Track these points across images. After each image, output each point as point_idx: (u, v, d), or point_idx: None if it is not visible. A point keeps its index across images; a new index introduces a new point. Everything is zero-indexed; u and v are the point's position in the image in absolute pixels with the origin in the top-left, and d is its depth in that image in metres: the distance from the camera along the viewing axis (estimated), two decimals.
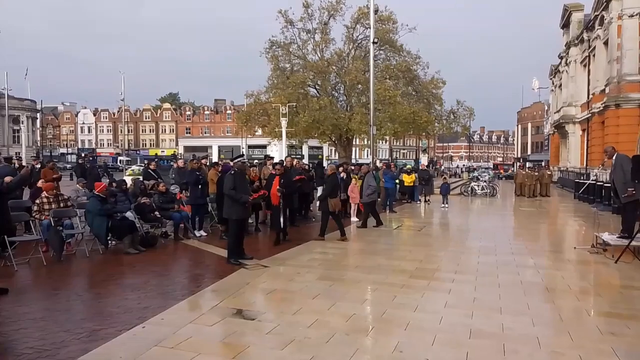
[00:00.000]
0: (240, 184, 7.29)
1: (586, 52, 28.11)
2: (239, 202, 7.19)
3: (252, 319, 4.72)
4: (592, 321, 4.86)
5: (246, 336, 4.28)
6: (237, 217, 7.31)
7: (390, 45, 26.39)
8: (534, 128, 71.14)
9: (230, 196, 7.15)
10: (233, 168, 7.56)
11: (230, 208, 7.27)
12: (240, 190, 7.23)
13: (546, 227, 12.85)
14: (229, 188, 7.13)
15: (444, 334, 4.35)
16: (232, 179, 7.23)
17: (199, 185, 9.91)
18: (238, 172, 7.40)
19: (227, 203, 7.29)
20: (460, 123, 29.31)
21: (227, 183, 7.20)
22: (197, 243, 9.12)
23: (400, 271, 6.88)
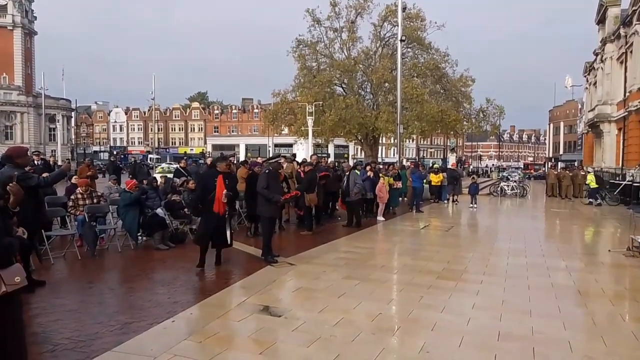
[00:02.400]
0: (273, 183, 7.38)
1: (623, 49, 27.10)
2: (271, 201, 7.27)
3: (279, 316, 4.77)
4: (628, 327, 4.70)
5: (273, 332, 4.33)
6: (269, 215, 7.44)
7: (418, 42, 26.12)
8: (566, 127, 69.07)
9: (263, 195, 7.23)
10: (267, 167, 7.63)
11: (263, 206, 7.38)
12: (272, 189, 7.31)
13: (579, 229, 12.51)
14: (262, 187, 7.21)
15: (471, 335, 4.29)
16: (265, 178, 7.30)
17: None
18: (272, 172, 7.47)
19: (260, 201, 7.38)
20: (489, 122, 28.83)
21: (261, 182, 7.29)
22: None
23: (427, 272, 6.82)
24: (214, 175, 6.66)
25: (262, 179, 7.34)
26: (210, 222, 6.64)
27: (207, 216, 6.67)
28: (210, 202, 6.52)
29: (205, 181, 6.93)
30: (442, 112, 24.69)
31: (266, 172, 7.41)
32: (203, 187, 6.84)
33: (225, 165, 6.88)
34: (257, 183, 7.38)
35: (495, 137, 67.59)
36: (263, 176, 7.39)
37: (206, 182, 6.85)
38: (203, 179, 7.40)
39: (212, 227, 6.63)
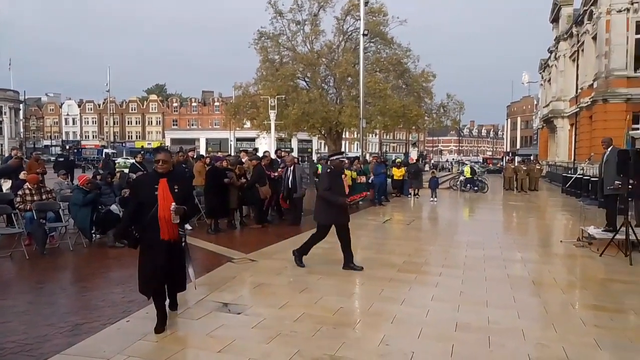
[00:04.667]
0: (335, 184, 6.36)
1: (575, 47, 28.28)
2: (335, 204, 6.28)
3: (238, 313, 4.69)
4: (577, 314, 4.90)
5: (232, 330, 4.24)
6: (328, 223, 6.42)
7: (380, 37, 26.29)
8: (523, 122, 71.68)
9: (325, 197, 6.24)
10: (329, 166, 6.56)
11: (323, 212, 6.33)
12: (336, 191, 6.33)
13: (534, 221, 12.97)
14: (324, 188, 6.23)
15: (430, 327, 4.36)
16: (327, 178, 6.31)
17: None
18: (334, 171, 6.46)
19: (320, 206, 6.36)
20: (450, 117, 29.37)
21: (322, 183, 6.30)
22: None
23: (388, 265, 6.89)
24: (152, 181, 4.17)
25: (323, 180, 6.32)
26: (155, 257, 4.10)
27: (149, 249, 4.16)
28: (151, 226, 4.06)
29: (140, 190, 4.38)
30: (404, 107, 25.00)
31: (328, 172, 6.45)
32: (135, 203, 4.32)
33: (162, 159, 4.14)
34: (318, 184, 6.43)
35: (456, 132, 69.31)
36: (324, 176, 6.39)
37: (141, 191, 4.31)
38: (136, 186, 4.98)
39: (161, 265, 4.09)
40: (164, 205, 4.03)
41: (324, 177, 6.43)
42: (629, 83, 21.02)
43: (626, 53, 21.08)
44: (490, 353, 3.83)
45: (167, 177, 4.15)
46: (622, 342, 4.12)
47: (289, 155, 11.84)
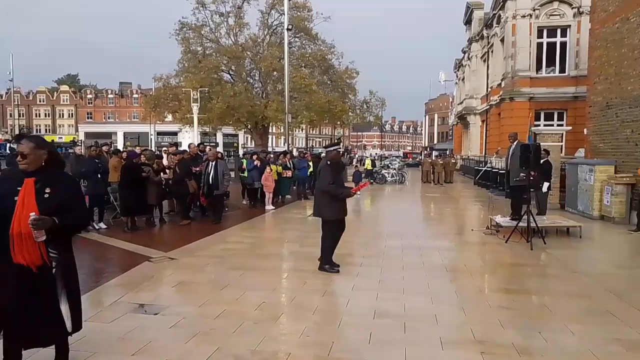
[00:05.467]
0: (337, 177, 6.07)
1: (486, 48, 30.27)
2: (339, 197, 5.99)
3: (155, 314, 4.51)
4: (484, 297, 5.28)
5: (148, 331, 4.07)
6: (336, 218, 6.07)
7: (305, 33, 26.42)
8: (440, 119, 75.63)
9: (330, 192, 5.90)
10: (327, 159, 6.23)
11: (327, 206, 5.98)
12: (338, 184, 6.05)
13: (448, 212, 13.75)
14: (328, 182, 5.88)
15: (350, 316, 4.48)
16: (329, 171, 5.94)
17: (99, 174, 9.26)
18: (334, 163, 6.13)
19: (323, 201, 6.01)
20: (372, 113, 30.30)
21: (325, 177, 5.94)
22: (97, 236, 8.52)
23: (311, 258, 6.92)
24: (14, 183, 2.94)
25: (325, 174, 5.94)
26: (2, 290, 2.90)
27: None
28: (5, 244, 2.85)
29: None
30: (329, 102, 25.36)
31: (328, 164, 6.04)
32: None
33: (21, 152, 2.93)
34: (320, 179, 6.07)
35: (378, 127, 71.53)
36: (326, 170, 5.98)
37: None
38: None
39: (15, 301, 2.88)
40: (21, 214, 2.82)
41: (325, 170, 5.99)
42: (532, 83, 22.90)
43: (529, 55, 22.91)
44: (406, 338, 4.01)
45: (35, 177, 2.93)
46: (523, 321, 4.48)
47: (211, 150, 11.34)
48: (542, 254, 7.48)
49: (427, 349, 3.78)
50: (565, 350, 3.80)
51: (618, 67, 11.46)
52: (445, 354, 3.70)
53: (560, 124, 21.84)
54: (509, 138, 9.96)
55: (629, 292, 5.40)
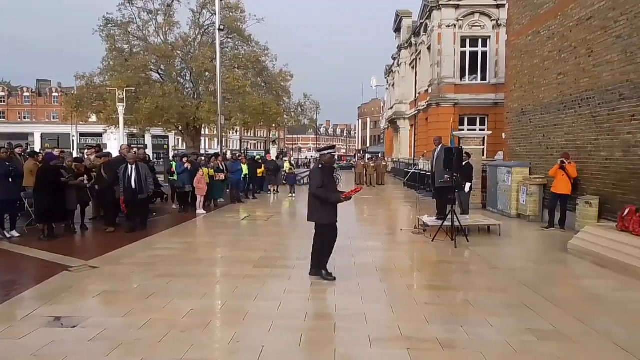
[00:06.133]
0: (328, 181, 5.96)
1: (414, 55, 31.54)
2: (330, 202, 5.89)
3: (72, 327, 4.22)
4: (411, 294, 5.47)
5: (64, 346, 3.80)
6: (329, 222, 6.00)
7: (238, 34, 26.09)
8: (372, 122, 77.71)
9: (319, 196, 5.80)
10: (320, 162, 6.04)
11: (318, 211, 5.89)
12: (329, 188, 5.92)
13: (380, 213, 14.13)
14: (317, 186, 5.77)
15: (281, 319, 4.46)
16: (320, 175, 5.84)
17: (10, 178, 8.52)
18: (326, 167, 6.01)
19: (315, 205, 5.90)
20: (307, 116, 30.50)
21: (315, 180, 5.83)
22: (8, 245, 7.86)
23: (244, 262, 6.87)
24: None
25: (315, 177, 5.86)
26: None
27: None
28: None
29: None
30: (263, 104, 25.18)
31: (319, 168, 5.95)
32: None
33: None
34: (310, 182, 5.95)
35: (313, 130, 72.15)
36: (317, 173, 5.90)
37: None
38: None
39: None
40: None
41: (316, 174, 5.91)
42: (457, 89, 24.18)
43: (454, 63, 24.19)
44: (336, 338, 4.06)
45: None
46: (447, 316, 4.70)
47: (130, 152, 10.33)
48: (466, 252, 7.89)
49: (356, 348, 3.85)
50: (485, 341, 4.03)
51: (531, 77, 12.39)
52: (373, 352, 3.79)
53: (482, 129, 23.24)
54: (434, 142, 10.43)
55: (541, 285, 5.83)
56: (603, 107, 9.22)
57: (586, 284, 6.09)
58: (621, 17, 8.64)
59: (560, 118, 10.86)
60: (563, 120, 10.75)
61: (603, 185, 9.19)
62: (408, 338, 4.07)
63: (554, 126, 11.19)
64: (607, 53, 9.08)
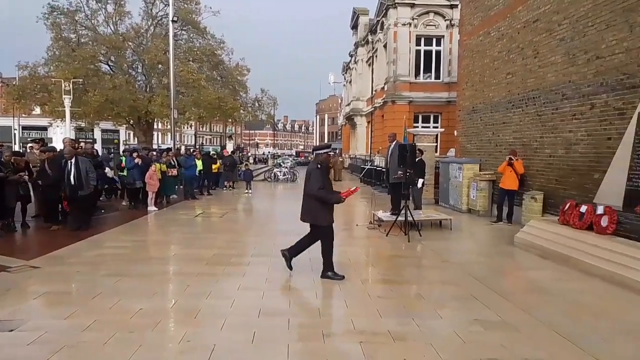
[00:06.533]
0: (327, 181, 5.90)
1: (371, 53, 31.91)
2: (331, 202, 5.86)
3: (10, 330, 3.98)
4: (365, 288, 5.53)
5: (0, 351, 3.58)
6: (329, 223, 5.97)
7: (193, 26, 25.49)
8: (330, 119, 78.04)
9: (321, 197, 5.72)
10: (317, 162, 5.92)
11: (318, 212, 5.82)
12: (327, 188, 5.85)
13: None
14: (319, 187, 5.67)
15: (234, 317, 4.39)
16: (319, 175, 5.73)
17: None
18: (324, 167, 5.90)
19: (313, 206, 5.81)
20: (265, 111, 30.26)
21: (315, 181, 5.70)
22: None
23: (197, 260, 6.72)
24: None
25: (316, 178, 5.71)
26: None
27: None
28: None
29: None
30: (219, 99, 24.75)
31: (318, 168, 5.81)
32: None
33: None
34: (310, 184, 5.78)
35: (271, 126, 71.72)
36: (317, 173, 5.75)
37: None
38: None
39: None
40: None
41: (316, 174, 5.77)
42: (412, 87, 24.68)
43: (409, 62, 24.66)
44: (290, 334, 4.04)
45: None
46: (399, 310, 4.78)
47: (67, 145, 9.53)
48: (418, 246, 8.08)
49: (309, 343, 3.85)
50: (434, 333, 4.13)
51: (482, 76, 12.81)
52: (327, 347, 3.80)
53: (436, 126, 23.84)
54: (388, 138, 10.60)
55: (489, 277, 6.05)
56: (547, 106, 9.66)
57: (530, 275, 6.38)
58: (564, 20, 9.07)
59: (509, 116, 11.29)
60: (511, 119, 11.19)
61: (547, 181, 9.65)
62: (361, 332, 4.11)
63: (502, 124, 11.62)
64: (551, 55, 9.51)
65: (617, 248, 5.91)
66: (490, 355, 3.68)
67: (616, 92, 7.68)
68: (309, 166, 6.05)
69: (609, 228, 6.33)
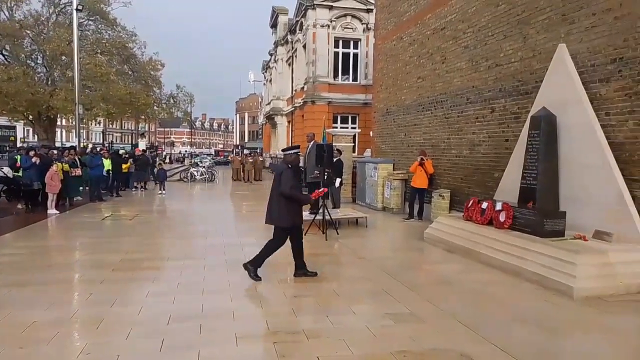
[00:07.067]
0: (296, 182, 5.83)
1: (290, 53, 31.98)
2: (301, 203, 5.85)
3: None
4: (281, 288, 5.51)
5: None
6: (290, 225, 5.83)
7: (101, 16, 23.98)
8: (250, 118, 77.20)
9: (292, 196, 5.65)
10: (286, 162, 5.89)
11: (288, 213, 5.71)
12: (297, 189, 5.84)
13: (256, 209, 14.05)
14: (291, 187, 5.60)
15: (141, 325, 4.16)
16: (291, 176, 5.66)
17: None
18: (294, 168, 5.91)
19: (283, 207, 5.68)
20: (181, 108, 29.24)
21: (287, 181, 5.60)
22: None
23: (102, 266, 6.28)
24: None
25: (288, 178, 5.62)
26: None
27: None
28: None
29: None
30: (130, 94, 23.51)
31: (289, 168, 5.76)
32: None
33: None
34: (283, 184, 5.62)
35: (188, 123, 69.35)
36: (289, 173, 5.67)
37: None
38: None
39: None
40: None
41: (287, 174, 5.69)
42: (330, 88, 25.11)
43: (328, 63, 25.06)
44: (201, 339, 3.90)
45: None
46: (314, 308, 4.82)
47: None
48: (336, 244, 8.22)
49: (221, 348, 3.74)
50: (348, 329, 4.21)
51: (395, 79, 13.36)
52: (239, 350, 3.72)
53: (354, 127, 24.47)
54: (306, 138, 10.68)
55: (400, 272, 6.30)
56: (454, 109, 10.30)
57: (438, 268, 6.75)
58: (468, 29, 9.72)
59: (419, 118, 11.89)
60: (421, 121, 11.79)
61: (453, 180, 10.29)
62: (275, 332, 4.09)
63: (414, 126, 12.21)
64: (457, 61, 10.15)
65: (513, 241, 6.43)
66: (399, 348, 3.82)
67: (512, 98, 8.38)
68: (279, 167, 6.12)
69: (506, 223, 6.88)
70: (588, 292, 5.18)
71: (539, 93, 7.39)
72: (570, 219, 6.48)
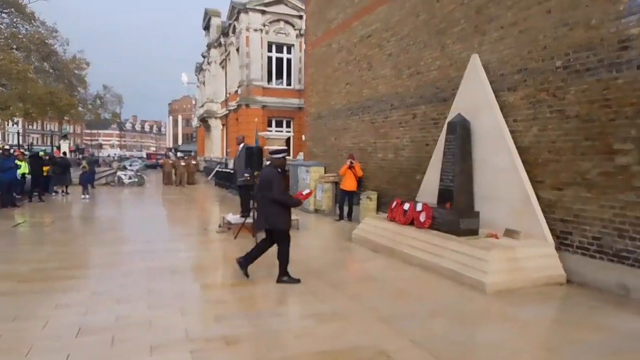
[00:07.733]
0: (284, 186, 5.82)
1: (224, 55, 31.48)
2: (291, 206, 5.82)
3: None
4: (202, 294, 5.40)
5: None
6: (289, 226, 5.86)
7: (17, 10, 22.37)
8: (184, 120, 75.04)
9: (282, 200, 5.65)
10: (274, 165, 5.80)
11: (278, 215, 5.68)
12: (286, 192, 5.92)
13: (186, 213, 13.70)
14: (281, 190, 5.62)
15: (45, 340, 3.90)
16: (280, 179, 5.64)
17: None
18: (283, 170, 5.90)
19: (275, 211, 5.64)
20: (108, 110, 27.96)
21: (279, 185, 5.59)
22: None
23: (5, 277, 5.83)
24: None
25: (278, 181, 5.60)
26: None
27: None
28: None
29: None
30: (51, 94, 22.12)
31: (278, 171, 5.72)
32: None
33: None
34: (275, 189, 5.57)
35: (117, 125, 66.17)
36: (278, 177, 5.64)
37: None
38: None
39: None
40: None
41: (277, 178, 5.66)
42: (264, 92, 24.98)
43: (261, 67, 24.93)
44: (112, 352, 3.73)
45: None
46: (237, 313, 4.75)
47: None
48: None
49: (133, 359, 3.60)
50: (269, 332, 4.20)
51: (325, 84, 13.56)
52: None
53: (289, 131, 24.51)
54: (236, 140, 10.58)
55: (326, 272, 6.39)
56: (379, 114, 10.63)
57: (363, 267, 6.94)
58: (392, 37, 10.08)
59: (348, 123, 12.14)
60: (350, 125, 12.05)
61: (380, 182, 10.61)
62: (193, 340, 3.99)
63: (343, 130, 12.45)
64: (382, 68, 10.49)
65: (432, 240, 6.75)
66: (321, 348, 3.87)
67: (432, 104, 8.80)
68: (267, 171, 5.91)
69: (426, 222, 7.20)
70: (499, 286, 5.54)
71: (455, 100, 7.83)
72: (485, 218, 6.91)
